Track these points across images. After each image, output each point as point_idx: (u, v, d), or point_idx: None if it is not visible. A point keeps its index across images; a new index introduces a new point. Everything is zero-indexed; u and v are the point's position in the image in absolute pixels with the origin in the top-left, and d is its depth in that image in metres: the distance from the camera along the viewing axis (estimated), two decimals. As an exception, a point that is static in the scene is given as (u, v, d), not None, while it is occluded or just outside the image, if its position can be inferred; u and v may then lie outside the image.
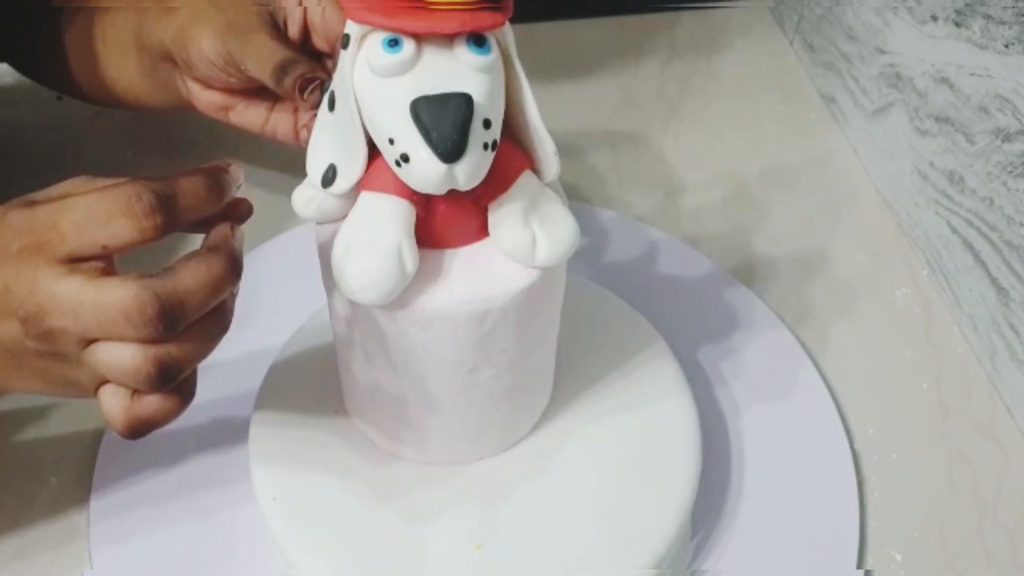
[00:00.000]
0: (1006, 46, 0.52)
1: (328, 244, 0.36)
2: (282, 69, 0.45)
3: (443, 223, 0.36)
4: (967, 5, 0.55)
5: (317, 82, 0.45)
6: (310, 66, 0.45)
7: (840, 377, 0.54)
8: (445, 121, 0.32)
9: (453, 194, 0.34)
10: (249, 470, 0.43)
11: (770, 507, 0.48)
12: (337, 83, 0.35)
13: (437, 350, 0.38)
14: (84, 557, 0.45)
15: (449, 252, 0.37)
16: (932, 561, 0.47)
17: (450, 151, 0.32)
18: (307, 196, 0.37)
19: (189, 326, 0.32)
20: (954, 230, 0.57)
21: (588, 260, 0.59)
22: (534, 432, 0.45)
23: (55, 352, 0.32)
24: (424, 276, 0.36)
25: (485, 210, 0.36)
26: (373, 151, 0.35)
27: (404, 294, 0.36)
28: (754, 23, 0.83)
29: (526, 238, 0.36)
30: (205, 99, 0.51)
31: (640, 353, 0.49)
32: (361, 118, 0.34)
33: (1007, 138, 0.52)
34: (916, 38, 0.60)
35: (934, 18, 0.58)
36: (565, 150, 0.36)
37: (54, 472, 0.49)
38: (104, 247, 0.31)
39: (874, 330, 0.58)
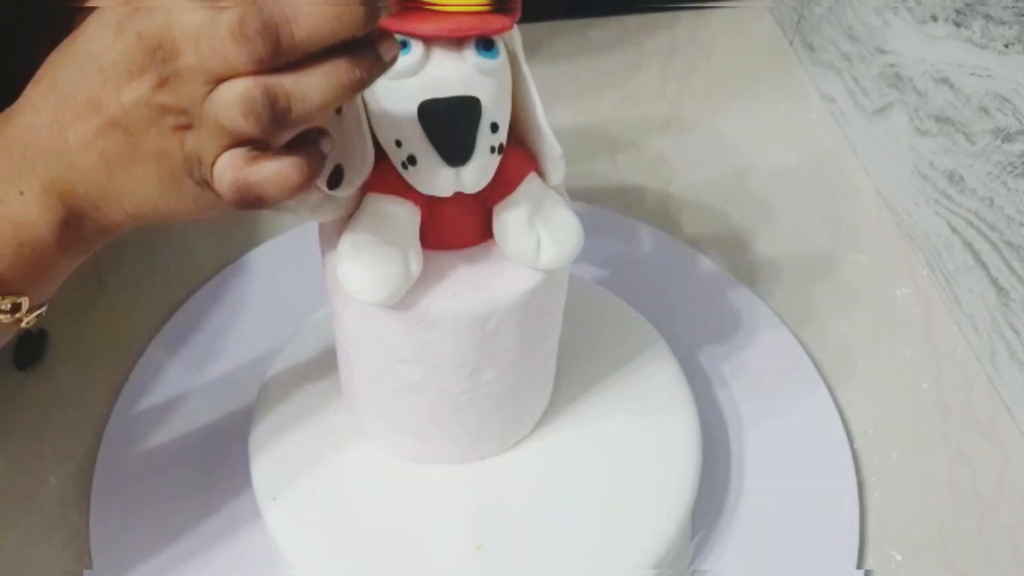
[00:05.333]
0: (1006, 46, 0.52)
1: (332, 245, 0.36)
2: None
3: (448, 225, 0.36)
4: (967, 5, 0.55)
5: None
6: None
7: (840, 377, 0.54)
8: (452, 124, 0.32)
9: (458, 196, 0.34)
10: (249, 470, 0.43)
11: (770, 507, 0.48)
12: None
13: (440, 351, 0.38)
14: (84, 557, 0.45)
15: (453, 254, 0.37)
16: (932, 561, 0.47)
17: (457, 154, 0.32)
18: (313, 197, 0.37)
19: (311, 62, 0.29)
20: (954, 230, 0.57)
21: (589, 261, 0.59)
22: (534, 432, 0.45)
23: (180, 107, 0.30)
24: (428, 278, 0.36)
25: (490, 212, 0.36)
26: (379, 152, 0.35)
27: (408, 295, 0.36)
28: (754, 23, 0.83)
29: (530, 241, 0.36)
30: None
31: (640, 354, 0.49)
32: (368, 120, 0.34)
33: (1007, 138, 0.52)
34: (916, 38, 0.60)
35: (934, 18, 0.58)
36: (565, 150, 0.36)
37: (54, 472, 0.49)
38: None
39: (874, 330, 0.58)
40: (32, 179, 0.32)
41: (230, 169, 0.30)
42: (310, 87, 0.29)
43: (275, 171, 0.30)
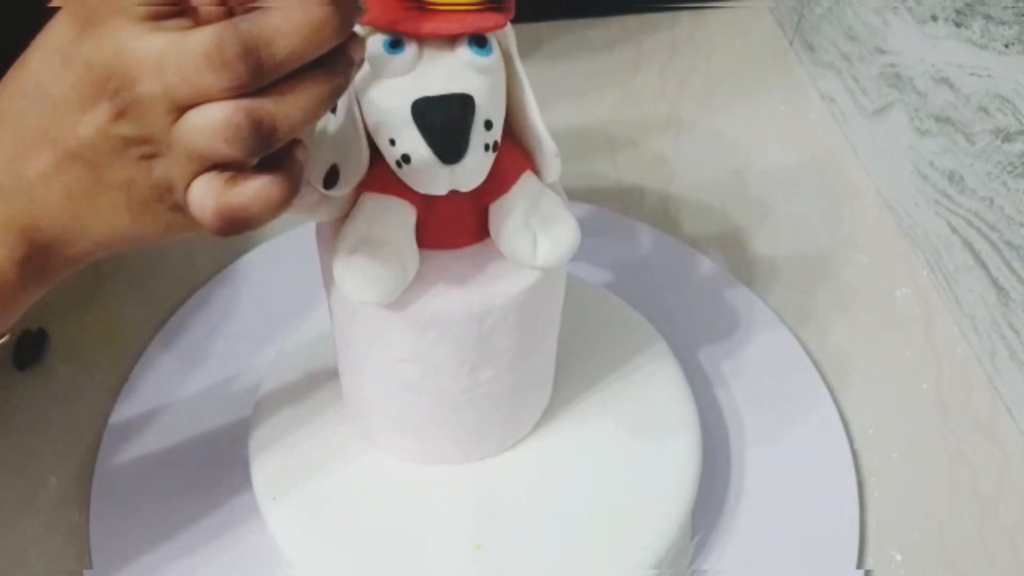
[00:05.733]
0: (1006, 46, 0.52)
1: (329, 245, 0.36)
2: None
3: (444, 224, 0.36)
4: (967, 5, 0.55)
5: None
6: None
7: (840, 377, 0.54)
8: (446, 122, 0.32)
9: (454, 195, 0.34)
10: (249, 470, 0.43)
11: (770, 507, 0.48)
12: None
13: (437, 350, 0.38)
14: (84, 557, 0.45)
15: (450, 253, 0.37)
16: (932, 561, 0.47)
17: (451, 152, 0.32)
18: (309, 197, 0.37)
19: (289, 80, 0.28)
20: (954, 230, 0.57)
21: (588, 260, 0.59)
22: (534, 432, 0.45)
23: (144, 137, 0.28)
24: (425, 277, 0.36)
25: (486, 211, 0.36)
26: (374, 152, 0.35)
27: (404, 295, 0.36)
28: (754, 23, 0.83)
29: (527, 239, 0.36)
30: None
31: (640, 353, 0.49)
32: (363, 119, 0.34)
33: (1007, 138, 0.52)
34: (916, 38, 0.60)
35: (934, 18, 0.58)
36: (565, 150, 0.36)
37: (54, 472, 0.49)
38: None
39: (874, 330, 0.58)
40: None
41: (211, 196, 0.29)
42: (293, 105, 0.28)
43: (258, 191, 0.29)
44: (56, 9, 0.34)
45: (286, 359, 0.48)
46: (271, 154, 0.29)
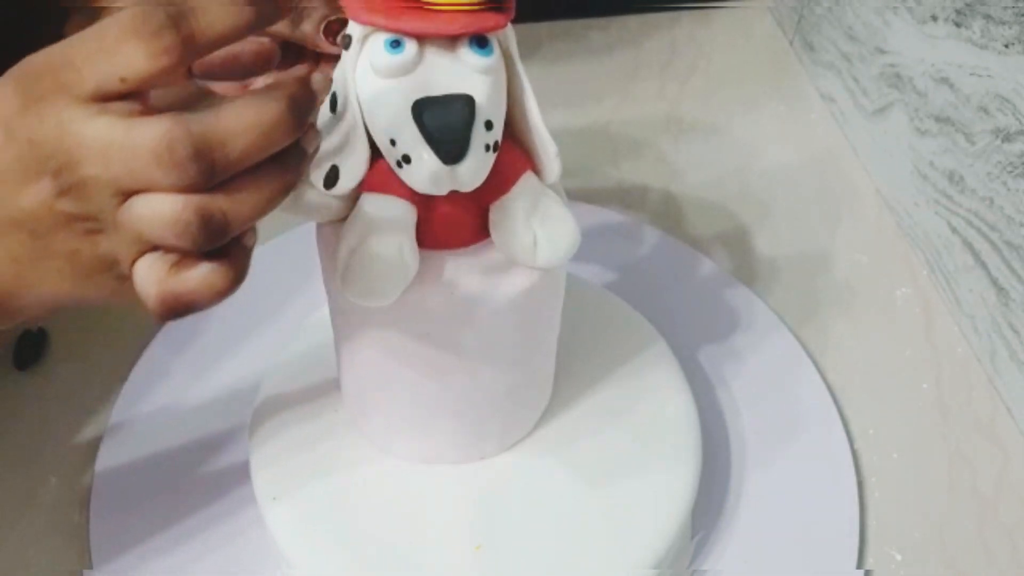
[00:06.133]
0: (1006, 46, 0.52)
1: (330, 245, 0.36)
2: (299, 14, 0.39)
3: (444, 224, 0.36)
4: (967, 5, 0.55)
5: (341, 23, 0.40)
6: (330, 8, 0.39)
7: (840, 377, 0.54)
8: (447, 122, 0.32)
9: (454, 195, 0.34)
10: (249, 470, 0.43)
11: (770, 507, 0.48)
12: (339, 84, 0.35)
13: (437, 350, 0.38)
14: (84, 557, 0.45)
15: (450, 253, 0.37)
16: (932, 561, 0.47)
17: (452, 152, 0.32)
18: (309, 197, 0.37)
19: (242, 175, 0.28)
20: (954, 230, 0.57)
21: (588, 260, 0.59)
22: (534, 432, 0.45)
23: (88, 215, 0.28)
24: (425, 277, 0.36)
25: (486, 211, 0.36)
26: (375, 152, 0.35)
27: (405, 295, 0.36)
28: (754, 23, 0.83)
29: (527, 239, 0.36)
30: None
31: (640, 353, 0.49)
32: (363, 119, 0.34)
33: (1007, 138, 0.52)
34: (916, 38, 0.60)
35: (934, 18, 0.58)
36: (565, 150, 0.36)
37: (54, 472, 0.49)
38: (122, 79, 0.27)
39: (874, 330, 0.58)
40: None
41: (154, 283, 0.29)
42: (244, 203, 0.28)
43: (201, 279, 0.29)
44: (65, 11, 0.34)
45: (286, 359, 0.48)
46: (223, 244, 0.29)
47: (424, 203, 0.35)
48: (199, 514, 0.46)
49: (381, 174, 0.35)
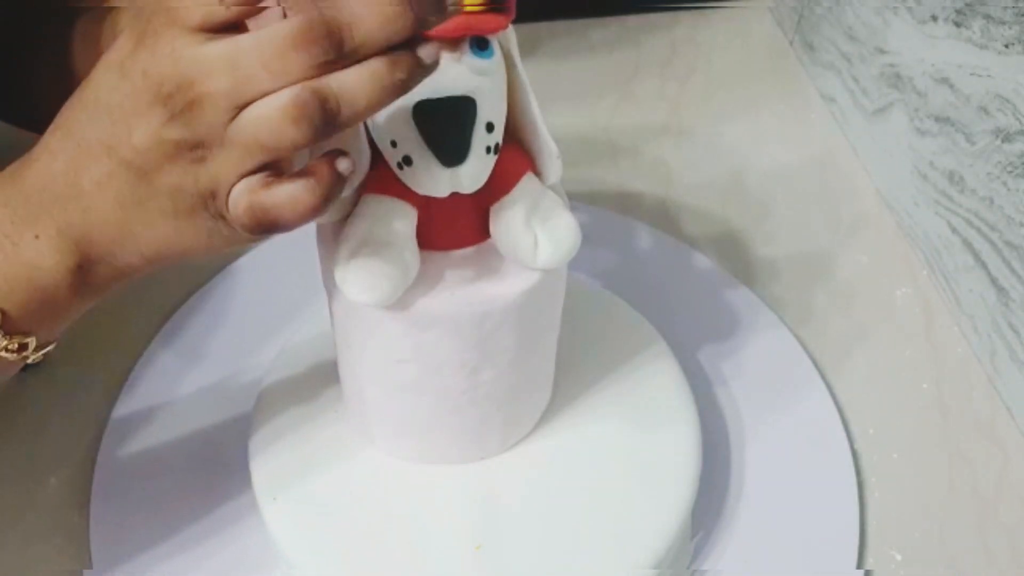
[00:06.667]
0: (1006, 46, 0.52)
1: (330, 246, 0.36)
2: None
3: (445, 225, 0.36)
4: (967, 5, 0.55)
5: None
6: None
7: (840, 377, 0.54)
8: (448, 124, 0.32)
9: (455, 196, 0.34)
10: (249, 470, 0.43)
11: (770, 507, 0.48)
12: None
13: (438, 351, 0.38)
14: (84, 557, 0.45)
15: (451, 254, 0.37)
16: (932, 561, 0.47)
17: (453, 154, 0.32)
18: None
19: (355, 68, 0.29)
20: (954, 230, 0.57)
21: (588, 260, 0.59)
22: (534, 432, 0.45)
23: (195, 139, 0.30)
24: (425, 278, 0.36)
25: (487, 212, 0.36)
26: (375, 153, 0.35)
27: (405, 296, 0.36)
28: (754, 23, 0.83)
29: (528, 240, 0.36)
30: None
31: (640, 353, 0.49)
32: (364, 121, 0.34)
33: (1007, 138, 0.52)
34: (916, 38, 0.60)
35: (934, 18, 0.58)
36: (565, 150, 0.36)
37: (54, 472, 0.49)
38: (223, 2, 0.29)
39: (874, 330, 0.58)
40: (48, 223, 0.32)
41: (245, 193, 0.30)
42: (357, 90, 0.29)
43: (290, 194, 0.30)
44: (71, 10, 0.35)
45: (286, 359, 0.48)
46: (312, 163, 0.30)
47: (425, 204, 0.35)
48: (199, 514, 0.46)
49: (382, 176, 0.35)
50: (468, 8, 0.31)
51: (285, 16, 0.30)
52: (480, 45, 0.33)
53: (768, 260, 0.61)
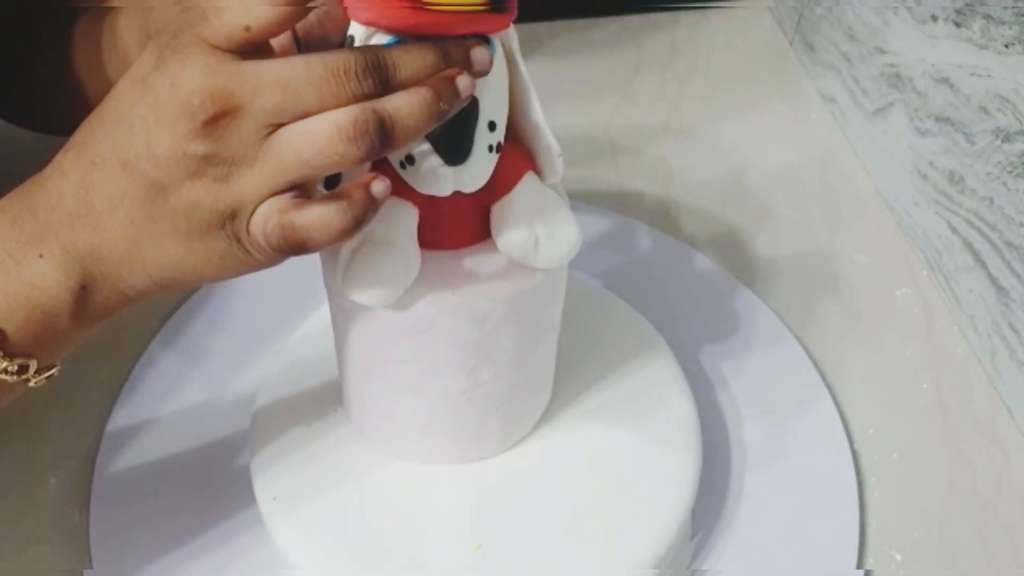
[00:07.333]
0: (1006, 46, 0.52)
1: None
2: None
3: (446, 225, 0.36)
4: (967, 5, 0.55)
5: None
6: None
7: (840, 377, 0.54)
8: (450, 124, 0.32)
9: (456, 196, 0.34)
10: (249, 470, 0.43)
11: (770, 507, 0.48)
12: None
13: (438, 350, 0.38)
14: (84, 557, 0.45)
15: (452, 253, 0.37)
16: (932, 561, 0.47)
17: (455, 154, 0.32)
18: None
19: (401, 93, 0.30)
20: (954, 230, 0.57)
21: (588, 260, 0.59)
22: (534, 432, 0.45)
23: (222, 154, 0.29)
24: (426, 277, 0.36)
25: (488, 211, 0.36)
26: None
27: (406, 295, 0.36)
28: (754, 23, 0.83)
29: (528, 240, 0.36)
30: None
31: (640, 353, 0.49)
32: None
33: (1007, 138, 0.52)
34: (916, 38, 0.60)
35: (934, 18, 0.58)
36: (565, 150, 0.36)
37: (54, 472, 0.49)
38: (247, 27, 0.29)
39: (874, 330, 0.58)
40: (53, 242, 0.32)
41: (275, 213, 0.30)
42: (407, 113, 0.30)
43: (321, 215, 0.30)
44: (72, 11, 0.35)
45: (286, 359, 0.48)
46: (347, 186, 0.31)
47: (426, 204, 0.35)
48: (199, 514, 0.46)
49: (384, 175, 0.35)
50: (470, 8, 0.31)
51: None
52: None
53: (768, 260, 0.61)
